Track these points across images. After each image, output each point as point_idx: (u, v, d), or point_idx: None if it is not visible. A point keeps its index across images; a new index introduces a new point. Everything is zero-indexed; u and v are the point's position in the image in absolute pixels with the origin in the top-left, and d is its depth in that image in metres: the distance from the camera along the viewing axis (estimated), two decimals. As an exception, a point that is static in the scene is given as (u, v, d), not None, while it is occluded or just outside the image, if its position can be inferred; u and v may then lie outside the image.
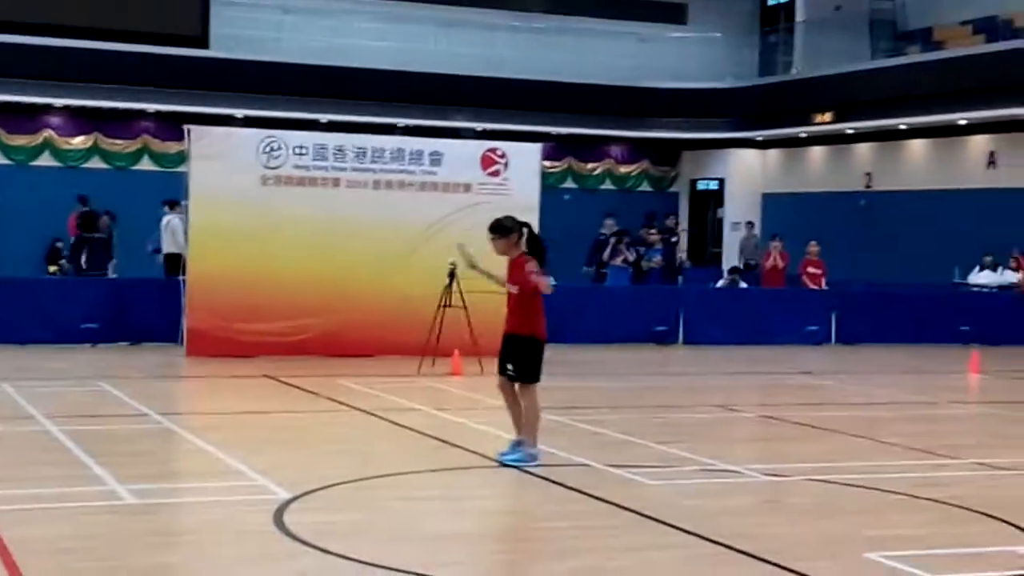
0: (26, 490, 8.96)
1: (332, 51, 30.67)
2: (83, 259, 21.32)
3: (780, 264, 24.60)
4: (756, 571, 7.32)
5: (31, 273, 24.09)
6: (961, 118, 27.98)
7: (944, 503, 9.27)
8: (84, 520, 8.14)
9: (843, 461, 11.04)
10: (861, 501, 9.43)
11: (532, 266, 10.28)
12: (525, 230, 10.48)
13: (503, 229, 10.49)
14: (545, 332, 10.45)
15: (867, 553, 7.69)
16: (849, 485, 9.89)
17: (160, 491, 9.21)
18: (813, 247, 24.43)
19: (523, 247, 10.45)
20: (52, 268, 22.06)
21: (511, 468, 10.27)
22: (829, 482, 10.02)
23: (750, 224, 29.49)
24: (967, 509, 9.08)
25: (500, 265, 10.70)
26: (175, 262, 20.33)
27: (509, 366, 10.40)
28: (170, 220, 21.56)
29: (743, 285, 24.53)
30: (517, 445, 10.40)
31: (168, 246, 21.58)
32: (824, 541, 8.15)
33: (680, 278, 24.40)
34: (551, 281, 10.44)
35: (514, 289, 10.37)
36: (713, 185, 35.57)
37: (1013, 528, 8.50)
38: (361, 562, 7.21)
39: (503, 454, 10.39)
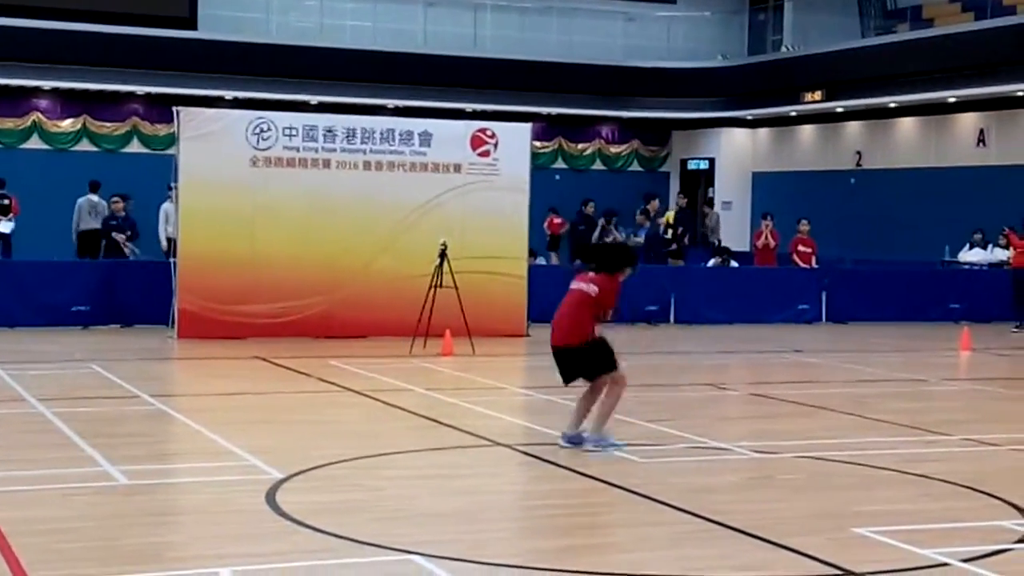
0: (19, 472, 8.99)
1: (321, 32, 30.60)
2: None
3: (771, 243, 24.64)
4: (746, 546, 7.37)
5: (19, 256, 24.01)
6: (951, 96, 27.99)
7: (932, 478, 9.34)
8: (77, 501, 8.16)
9: (832, 438, 11.09)
10: (850, 477, 9.49)
11: None
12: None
13: None
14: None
15: (856, 528, 7.74)
16: (838, 461, 9.95)
17: (153, 472, 9.24)
18: (803, 226, 24.47)
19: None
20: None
21: (503, 447, 10.34)
22: (818, 459, 10.07)
23: (710, 202, 29.40)
24: (955, 484, 9.15)
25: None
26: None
27: None
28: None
29: (734, 264, 24.57)
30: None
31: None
32: (813, 517, 8.20)
33: (681, 261, 24.43)
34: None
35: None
36: (703, 164, 35.56)
37: (1000, 502, 8.56)
38: (354, 540, 7.25)
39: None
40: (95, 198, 23.07)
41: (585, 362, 10.18)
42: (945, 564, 7.01)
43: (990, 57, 26.31)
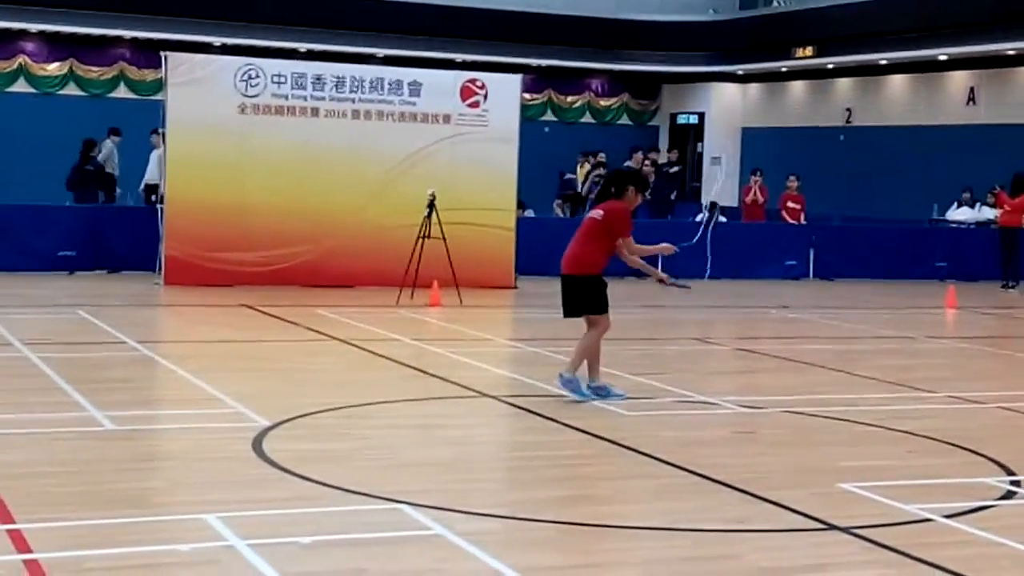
0: (3, 415, 8.96)
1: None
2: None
3: (760, 199, 24.63)
4: (730, 500, 7.39)
5: (6, 200, 23.89)
6: (941, 54, 27.93)
7: (917, 435, 9.37)
8: (63, 446, 8.16)
9: (818, 394, 11.11)
10: (835, 433, 9.52)
11: None
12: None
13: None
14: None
15: (840, 483, 7.77)
16: (824, 417, 9.98)
17: (139, 418, 9.23)
18: (792, 182, 24.44)
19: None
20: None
21: (490, 398, 10.35)
22: (804, 414, 10.10)
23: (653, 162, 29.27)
24: (940, 441, 9.18)
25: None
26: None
27: None
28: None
29: (722, 219, 24.55)
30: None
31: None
32: (798, 471, 8.23)
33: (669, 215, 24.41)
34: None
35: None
36: (693, 119, 35.49)
37: (984, 459, 8.60)
38: (340, 488, 7.25)
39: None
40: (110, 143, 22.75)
41: (578, 295, 10.25)
42: (928, 520, 7.05)
43: (982, 15, 26.25)
